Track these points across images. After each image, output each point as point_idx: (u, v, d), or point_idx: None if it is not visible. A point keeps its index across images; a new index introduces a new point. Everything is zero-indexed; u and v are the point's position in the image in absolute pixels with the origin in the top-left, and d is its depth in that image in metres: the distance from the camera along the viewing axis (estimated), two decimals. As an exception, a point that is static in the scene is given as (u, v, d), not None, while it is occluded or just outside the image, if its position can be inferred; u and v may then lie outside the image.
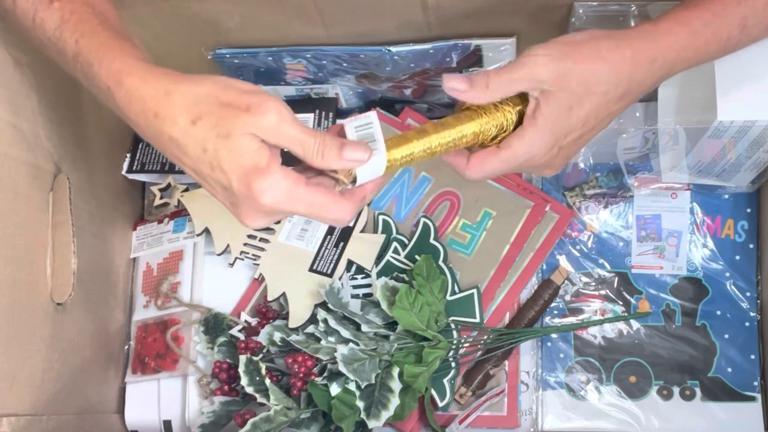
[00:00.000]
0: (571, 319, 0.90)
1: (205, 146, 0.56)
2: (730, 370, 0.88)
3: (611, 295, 0.90)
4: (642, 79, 0.62)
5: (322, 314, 0.83)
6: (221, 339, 0.88)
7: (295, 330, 0.86)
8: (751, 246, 0.90)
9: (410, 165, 0.66)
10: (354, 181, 0.60)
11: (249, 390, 0.81)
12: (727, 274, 0.90)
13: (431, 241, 0.89)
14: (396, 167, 0.61)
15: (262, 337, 0.85)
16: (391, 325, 0.84)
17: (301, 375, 0.82)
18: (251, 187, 0.56)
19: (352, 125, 0.60)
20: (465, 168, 0.65)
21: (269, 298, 0.88)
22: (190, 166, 0.58)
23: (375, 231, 0.91)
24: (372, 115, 0.60)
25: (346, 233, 0.89)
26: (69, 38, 0.60)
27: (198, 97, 0.56)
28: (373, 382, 0.81)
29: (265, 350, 0.85)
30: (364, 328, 0.82)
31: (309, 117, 0.95)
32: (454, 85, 0.61)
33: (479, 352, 0.87)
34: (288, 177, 0.56)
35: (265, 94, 0.56)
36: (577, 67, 0.60)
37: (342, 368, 0.79)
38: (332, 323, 0.82)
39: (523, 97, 0.63)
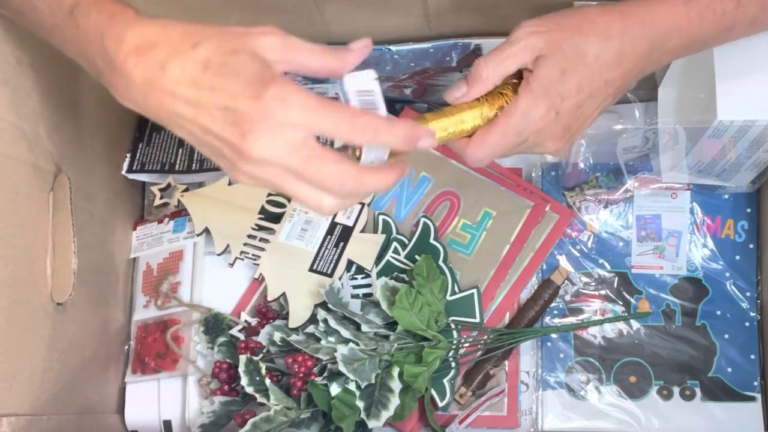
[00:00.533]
0: (571, 319, 0.90)
1: (207, 64, 0.51)
2: (730, 370, 0.88)
3: (611, 295, 0.90)
4: (634, 41, 0.61)
5: (322, 314, 0.83)
6: (221, 339, 0.88)
7: (295, 330, 0.86)
8: (751, 246, 0.90)
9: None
10: (359, 158, 0.55)
11: (249, 390, 0.81)
12: (727, 274, 0.90)
13: (431, 241, 0.89)
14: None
15: (262, 337, 0.85)
16: (391, 325, 0.84)
17: (301, 375, 0.82)
18: (263, 96, 0.49)
19: (353, 87, 0.54)
20: (466, 149, 0.63)
21: (269, 298, 0.88)
22: (184, 98, 0.51)
23: (375, 231, 0.91)
24: (374, 83, 0.55)
25: (346, 233, 0.89)
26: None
27: (196, 26, 0.53)
28: (373, 382, 0.80)
29: (265, 350, 0.85)
30: (364, 328, 0.82)
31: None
32: (454, 94, 0.62)
33: (479, 352, 0.87)
34: (301, 90, 0.50)
35: (257, 26, 0.53)
36: (566, 32, 0.61)
37: (342, 368, 0.79)
38: (332, 323, 0.82)
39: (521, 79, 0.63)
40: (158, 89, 0.52)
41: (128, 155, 0.96)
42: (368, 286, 0.88)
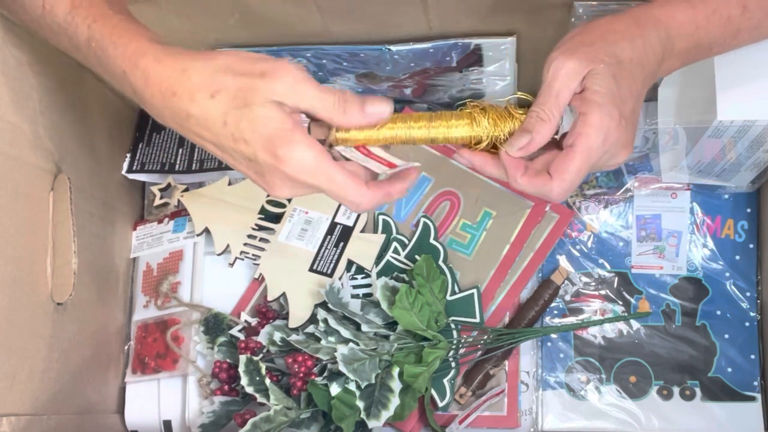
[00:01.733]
0: (571, 319, 0.90)
1: (225, 119, 0.56)
2: (730, 370, 0.88)
3: (611, 295, 0.90)
4: (652, 43, 0.61)
5: (322, 314, 0.83)
6: (221, 339, 0.88)
7: (295, 330, 0.86)
8: (751, 246, 0.90)
9: (401, 143, 0.63)
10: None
11: (249, 390, 0.81)
12: (727, 274, 0.90)
13: (431, 241, 0.89)
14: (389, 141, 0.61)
15: (262, 337, 0.85)
16: (391, 325, 0.84)
17: (301, 375, 0.82)
18: (276, 154, 0.55)
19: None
20: (550, 185, 0.61)
21: (269, 298, 0.88)
22: (211, 141, 0.58)
23: (375, 231, 0.91)
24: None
25: (346, 233, 0.89)
26: (81, 23, 0.60)
27: (214, 71, 0.56)
28: (373, 382, 0.80)
29: (265, 350, 0.85)
30: (364, 328, 0.82)
31: (309, 117, 0.95)
32: (517, 145, 0.60)
33: (479, 352, 0.87)
34: (313, 147, 0.56)
35: (278, 60, 0.56)
36: (596, 45, 0.60)
37: (342, 368, 0.79)
38: (332, 323, 0.82)
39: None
40: (186, 130, 0.58)
41: (128, 155, 0.96)
42: (368, 286, 0.88)
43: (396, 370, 0.81)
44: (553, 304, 0.90)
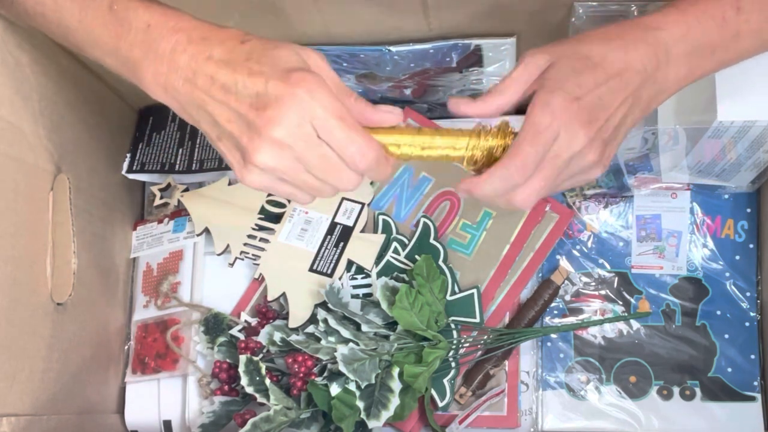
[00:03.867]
0: (571, 319, 0.90)
1: (250, 54, 0.56)
2: (730, 370, 0.88)
3: (611, 295, 0.90)
4: (636, 44, 0.61)
5: (322, 314, 0.83)
6: (221, 339, 0.88)
7: (295, 330, 0.86)
8: (751, 246, 0.90)
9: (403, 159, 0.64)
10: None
11: (249, 390, 0.81)
12: (727, 274, 0.90)
13: (431, 241, 0.89)
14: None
15: (262, 337, 0.85)
16: (391, 325, 0.84)
17: (301, 375, 0.82)
18: (291, 78, 0.54)
19: None
20: (502, 168, 0.59)
21: (269, 298, 0.88)
22: (221, 82, 0.56)
23: (375, 231, 0.91)
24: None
25: (346, 233, 0.90)
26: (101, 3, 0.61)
27: (248, 34, 0.58)
28: (373, 382, 0.81)
29: (265, 350, 0.85)
30: (364, 328, 0.82)
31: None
32: (460, 106, 0.62)
33: (479, 352, 0.87)
34: (328, 87, 0.55)
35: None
36: (566, 45, 0.62)
37: (342, 368, 0.79)
38: (332, 323, 0.82)
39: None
40: (200, 74, 0.56)
41: (128, 155, 0.96)
42: (368, 286, 0.88)
43: (396, 370, 0.81)
44: (553, 304, 0.90)
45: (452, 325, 0.86)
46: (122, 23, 0.60)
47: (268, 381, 0.81)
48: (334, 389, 0.80)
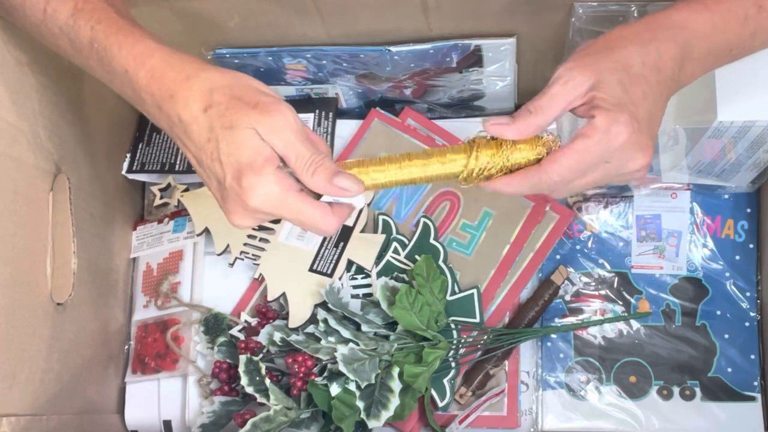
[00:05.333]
0: (571, 319, 0.90)
1: (209, 135, 0.57)
2: (730, 370, 0.88)
3: (611, 295, 0.90)
4: (667, 46, 0.60)
5: (322, 314, 0.83)
6: (221, 339, 0.88)
7: (295, 330, 0.86)
8: (751, 246, 0.90)
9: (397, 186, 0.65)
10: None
11: (249, 390, 0.81)
12: (727, 274, 0.90)
13: (431, 241, 0.89)
14: (378, 188, 0.63)
15: (262, 337, 0.85)
16: (391, 325, 0.84)
17: (301, 375, 0.82)
18: (241, 183, 0.56)
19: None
20: (539, 172, 0.60)
21: (269, 298, 0.88)
22: (192, 153, 0.59)
23: (375, 231, 0.91)
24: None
25: (346, 233, 0.89)
26: (84, 25, 0.61)
27: (214, 86, 0.57)
28: (373, 382, 0.81)
29: (265, 350, 0.85)
30: (364, 328, 0.82)
31: (309, 117, 0.95)
32: (496, 120, 0.60)
33: (479, 352, 0.87)
34: (280, 181, 0.57)
35: (280, 101, 0.57)
36: (602, 54, 0.60)
37: (342, 368, 0.79)
38: (332, 323, 0.82)
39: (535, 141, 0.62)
40: (174, 135, 0.60)
41: (128, 155, 0.96)
42: (368, 286, 0.88)
43: (396, 370, 0.81)
44: (553, 304, 0.90)
45: (452, 325, 0.86)
46: (106, 66, 0.62)
47: (268, 381, 0.81)
48: (334, 389, 0.80)
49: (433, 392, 0.85)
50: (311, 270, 0.88)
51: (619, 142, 0.58)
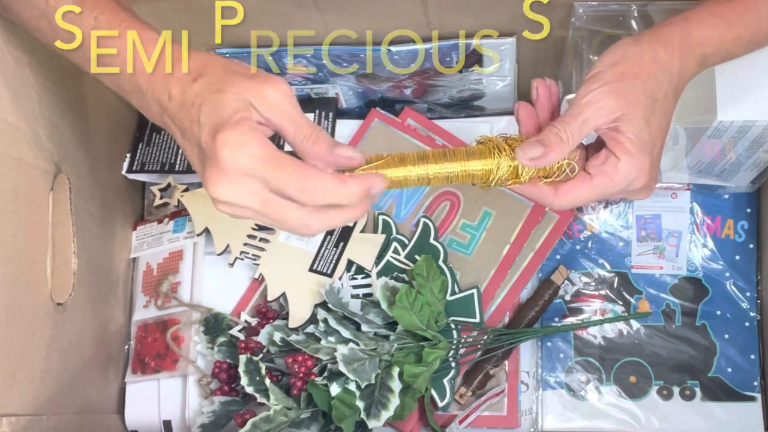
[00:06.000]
0: (571, 319, 0.90)
1: (194, 100, 0.55)
2: (730, 370, 0.88)
3: (611, 295, 0.90)
4: (689, 65, 0.62)
5: (322, 314, 0.83)
6: (221, 339, 0.88)
7: (295, 330, 0.86)
8: (751, 246, 0.90)
9: (411, 186, 0.64)
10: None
11: (249, 390, 0.81)
12: (727, 274, 0.90)
13: (431, 241, 0.89)
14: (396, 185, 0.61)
15: (262, 337, 0.85)
16: (391, 325, 0.84)
17: (301, 375, 0.82)
18: (216, 137, 0.53)
19: None
20: (553, 197, 0.63)
21: (269, 298, 0.88)
22: (177, 125, 0.57)
23: (375, 231, 0.91)
24: None
25: (346, 233, 0.89)
26: (87, 16, 0.61)
27: (208, 62, 0.57)
28: (373, 382, 0.81)
29: (265, 350, 0.85)
30: (364, 328, 0.82)
31: (309, 117, 0.95)
32: (530, 155, 0.60)
33: (479, 352, 0.87)
34: (257, 138, 0.53)
35: (275, 76, 0.56)
36: (637, 81, 0.60)
37: (342, 368, 0.79)
38: (332, 323, 0.82)
39: None
40: (165, 114, 0.58)
41: (128, 155, 0.96)
42: (368, 286, 0.88)
43: (396, 370, 0.81)
44: (553, 304, 0.90)
45: (452, 325, 0.86)
46: (105, 55, 0.61)
47: (268, 381, 0.81)
48: (334, 389, 0.80)
49: (433, 392, 0.85)
50: (311, 270, 0.88)
51: (636, 186, 0.62)
